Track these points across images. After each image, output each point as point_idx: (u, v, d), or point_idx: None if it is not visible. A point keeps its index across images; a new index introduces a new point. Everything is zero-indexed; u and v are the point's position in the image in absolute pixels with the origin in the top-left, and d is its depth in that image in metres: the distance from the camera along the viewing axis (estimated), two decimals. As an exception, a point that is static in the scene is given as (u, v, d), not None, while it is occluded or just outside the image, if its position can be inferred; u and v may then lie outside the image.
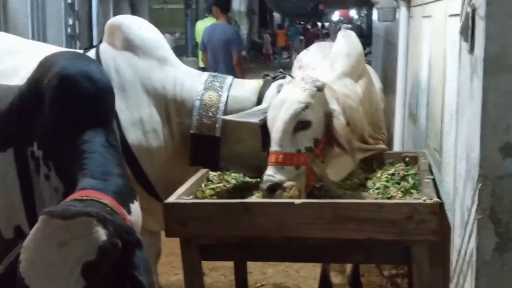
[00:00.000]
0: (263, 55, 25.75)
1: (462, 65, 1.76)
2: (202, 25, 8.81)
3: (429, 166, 3.19)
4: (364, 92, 3.21)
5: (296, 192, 2.58)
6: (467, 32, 1.60)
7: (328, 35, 25.65)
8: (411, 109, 4.78)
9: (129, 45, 3.24)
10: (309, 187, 2.69)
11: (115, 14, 12.65)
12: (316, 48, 4.40)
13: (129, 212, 2.01)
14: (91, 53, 3.25)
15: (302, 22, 32.73)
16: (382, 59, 11.12)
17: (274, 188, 2.57)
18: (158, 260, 3.57)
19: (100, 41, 3.37)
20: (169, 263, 4.37)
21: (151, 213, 3.19)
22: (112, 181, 2.03)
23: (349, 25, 34.07)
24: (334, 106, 2.77)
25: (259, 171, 3.19)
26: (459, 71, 1.84)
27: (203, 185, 3.10)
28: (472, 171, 1.54)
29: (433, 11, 3.57)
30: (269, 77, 3.35)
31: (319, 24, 34.15)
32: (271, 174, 2.60)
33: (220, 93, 3.20)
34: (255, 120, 2.98)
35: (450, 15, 2.88)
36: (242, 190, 3.07)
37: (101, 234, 1.70)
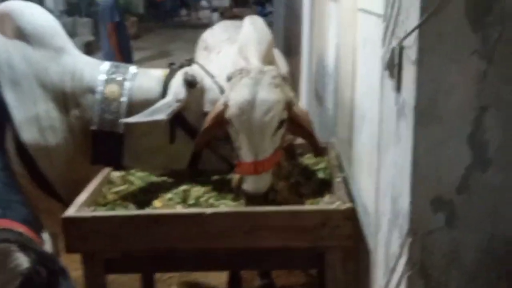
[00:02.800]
0: (161, 13, 25.16)
1: (386, 99, 1.69)
2: None
3: (339, 158, 3.17)
4: None
5: (286, 192, 2.52)
6: (393, 70, 1.53)
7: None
8: (317, 88, 4.75)
9: (22, 34, 2.99)
10: None
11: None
12: (221, 27, 4.25)
13: (42, 241, 1.87)
14: (-22, 44, 2.96)
15: None
16: (284, 21, 11.11)
17: (266, 194, 2.48)
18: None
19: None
20: (68, 256, 4.15)
21: (51, 214, 3.02)
22: (18, 210, 1.90)
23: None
24: (291, 94, 2.68)
25: (166, 167, 3.08)
26: (381, 103, 1.77)
27: (105, 189, 2.91)
28: (400, 219, 1.49)
29: (341, -3, 3.50)
30: (174, 66, 3.19)
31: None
32: (256, 181, 2.46)
33: (122, 85, 3.02)
34: (161, 116, 2.84)
35: (360, 9, 2.82)
36: (148, 192, 2.91)
37: (23, 261, 1.61)
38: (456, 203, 1.47)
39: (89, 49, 12.30)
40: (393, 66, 1.52)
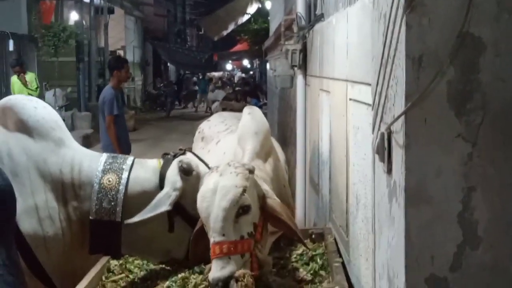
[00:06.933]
0: (158, 106, 25.57)
1: (378, 182, 1.76)
2: None
3: (336, 244, 3.19)
4: (273, 170, 3.19)
5: (250, 279, 2.39)
6: (383, 154, 1.60)
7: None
8: (312, 176, 4.81)
9: (24, 127, 3.07)
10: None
11: None
12: (217, 119, 4.37)
13: None
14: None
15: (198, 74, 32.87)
16: (278, 113, 11.34)
17: (226, 283, 2.37)
18: None
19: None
20: None
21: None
22: None
23: (243, 74, 34.70)
24: (265, 186, 2.70)
25: (165, 255, 3.09)
26: (374, 186, 1.83)
27: (104, 277, 2.92)
28: (397, 298, 1.51)
29: (332, 88, 3.63)
30: (169, 156, 3.25)
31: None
32: (219, 269, 2.39)
33: (120, 175, 3.08)
34: (164, 208, 2.89)
35: (351, 99, 2.93)
36: (146, 280, 2.93)
37: None
38: (450, 281, 1.50)
39: (87, 141, 12.45)
40: (383, 150, 1.59)
